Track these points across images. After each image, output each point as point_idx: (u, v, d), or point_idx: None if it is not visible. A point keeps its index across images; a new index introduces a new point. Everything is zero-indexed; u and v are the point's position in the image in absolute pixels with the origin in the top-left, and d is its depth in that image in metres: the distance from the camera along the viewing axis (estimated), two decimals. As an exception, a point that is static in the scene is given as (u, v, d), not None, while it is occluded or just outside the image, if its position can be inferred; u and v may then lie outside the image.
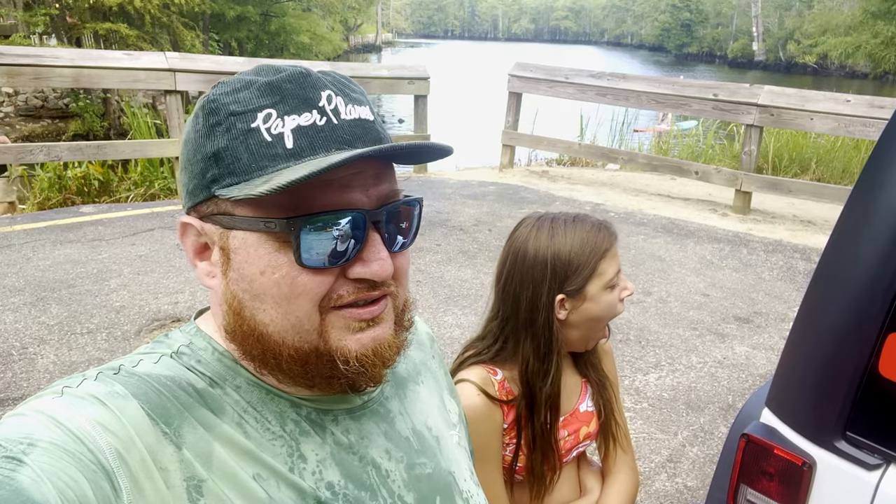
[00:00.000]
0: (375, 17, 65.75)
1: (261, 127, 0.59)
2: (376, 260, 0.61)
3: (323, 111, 0.60)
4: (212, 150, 0.61)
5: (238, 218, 0.61)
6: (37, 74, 6.02)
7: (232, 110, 0.60)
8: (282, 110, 0.60)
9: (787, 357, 1.32)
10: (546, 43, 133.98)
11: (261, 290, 0.61)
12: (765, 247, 5.78)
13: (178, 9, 15.83)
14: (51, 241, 4.99)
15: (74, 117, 14.44)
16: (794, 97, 6.53)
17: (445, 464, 0.78)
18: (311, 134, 0.59)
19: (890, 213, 1.15)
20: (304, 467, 0.64)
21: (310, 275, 0.60)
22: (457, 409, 0.89)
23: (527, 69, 8.23)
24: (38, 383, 3.19)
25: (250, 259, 0.61)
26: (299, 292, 0.60)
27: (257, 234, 0.60)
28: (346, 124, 0.61)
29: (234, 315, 0.63)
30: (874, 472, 1.18)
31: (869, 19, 32.10)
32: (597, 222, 1.33)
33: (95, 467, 0.52)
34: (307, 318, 0.61)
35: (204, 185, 0.62)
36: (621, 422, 1.46)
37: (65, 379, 0.60)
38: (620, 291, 1.33)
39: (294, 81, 0.61)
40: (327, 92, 0.61)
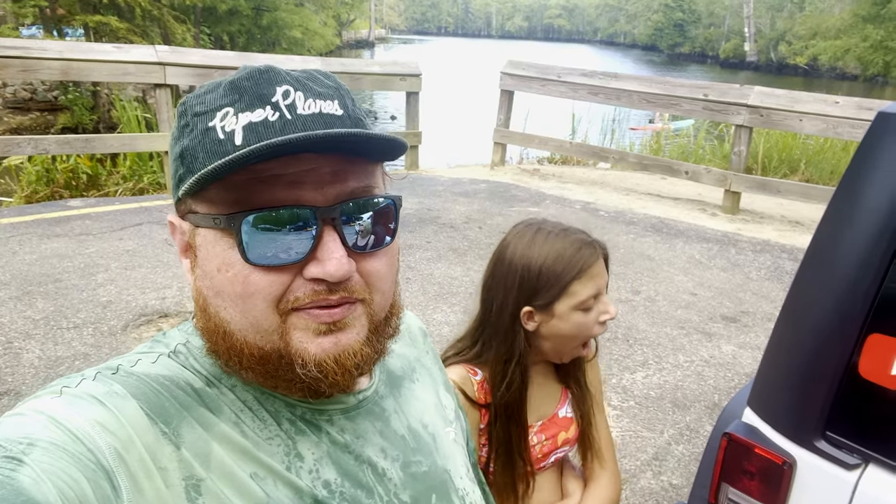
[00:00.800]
0: (369, 12, 65.56)
1: (217, 126, 0.59)
2: (330, 259, 0.59)
3: (276, 106, 0.59)
4: (179, 150, 0.62)
5: (198, 216, 0.61)
6: (25, 67, 5.96)
7: (196, 111, 0.61)
8: (238, 108, 0.59)
9: (769, 357, 1.34)
10: (539, 41, 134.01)
11: (219, 288, 0.61)
12: (753, 247, 5.81)
13: (170, 2, 15.72)
14: (37, 235, 4.95)
15: (63, 110, 14.32)
16: (784, 98, 6.57)
17: (441, 461, 0.78)
18: (261, 130, 0.58)
19: (871, 215, 1.16)
20: (301, 466, 0.64)
21: (261, 273, 0.59)
22: (453, 404, 0.89)
23: (519, 67, 8.24)
24: (23, 378, 3.16)
25: (209, 256, 0.61)
26: (252, 291, 0.59)
27: (213, 231, 0.60)
28: (301, 119, 0.59)
29: (201, 311, 0.64)
30: (853, 471, 1.20)
31: (859, 23, 32.37)
32: (581, 239, 1.27)
33: (95, 467, 0.52)
34: (264, 318, 0.60)
35: (175, 184, 0.63)
36: (602, 434, 1.45)
37: (63, 378, 0.60)
38: (599, 314, 1.27)
39: (251, 79, 0.61)
40: (284, 87, 0.60)
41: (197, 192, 0.59)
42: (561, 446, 1.40)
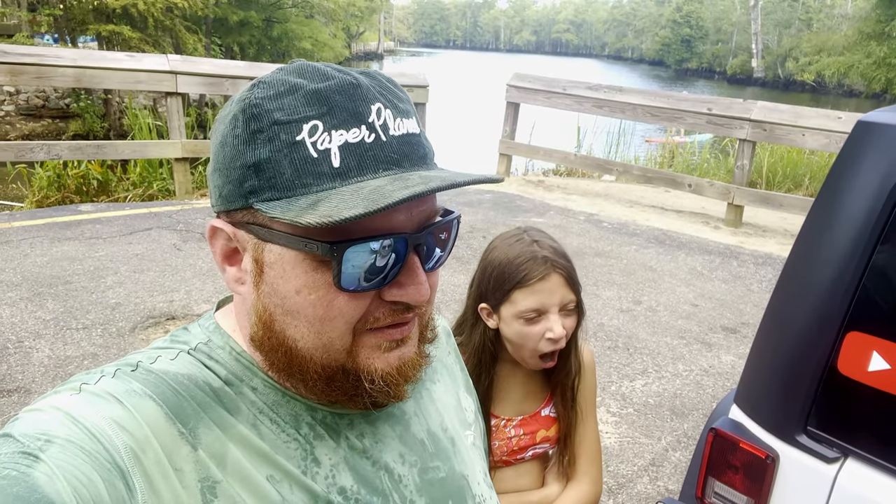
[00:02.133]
0: (378, 25, 66.07)
1: (306, 140, 0.56)
2: (413, 284, 0.60)
3: (372, 127, 0.57)
4: (252, 159, 0.57)
5: (276, 233, 0.58)
6: (39, 74, 6.08)
7: (276, 118, 0.57)
8: (329, 123, 0.56)
9: (754, 355, 1.39)
10: (547, 55, 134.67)
11: (294, 308, 0.59)
12: (755, 259, 5.85)
13: (182, 12, 15.93)
14: (48, 238, 5.04)
15: (75, 117, 14.50)
16: (787, 113, 6.62)
17: (459, 467, 0.77)
18: (360, 153, 0.56)
19: (849, 220, 1.22)
20: (318, 471, 0.64)
21: (347, 298, 0.58)
22: (473, 406, 0.88)
23: (525, 80, 8.33)
24: (33, 376, 3.23)
25: (286, 276, 0.59)
26: (335, 315, 0.59)
27: (295, 251, 0.58)
28: (394, 141, 0.58)
29: (264, 327, 0.62)
30: (833, 465, 1.24)
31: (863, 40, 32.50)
32: (534, 252, 1.28)
33: (110, 466, 0.51)
34: (339, 339, 0.60)
35: (241, 193, 0.59)
36: (587, 441, 1.44)
37: (83, 374, 0.60)
38: (545, 330, 1.28)
39: (344, 93, 0.57)
40: (377, 105, 0.58)
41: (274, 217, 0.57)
42: (539, 443, 1.43)
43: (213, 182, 0.63)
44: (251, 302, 0.63)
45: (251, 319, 0.63)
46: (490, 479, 0.85)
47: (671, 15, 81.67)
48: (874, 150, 1.22)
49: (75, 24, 15.08)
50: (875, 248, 1.18)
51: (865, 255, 1.19)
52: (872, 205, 1.19)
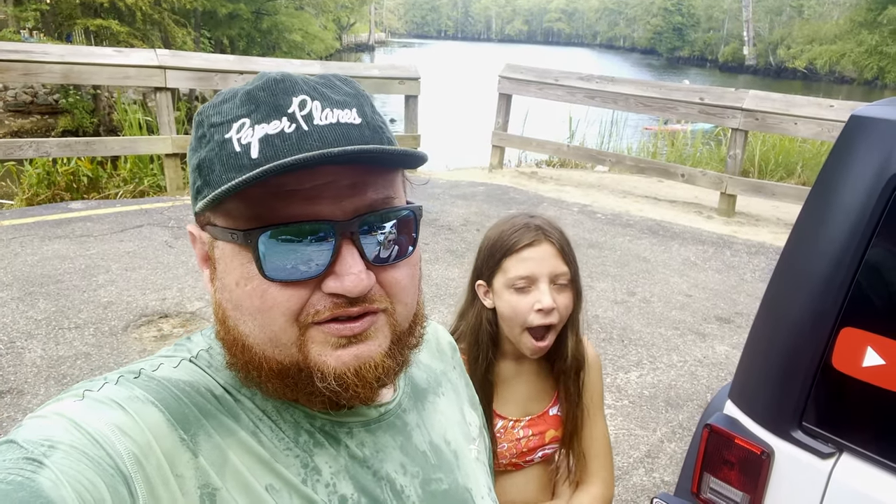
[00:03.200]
0: (368, 16, 65.70)
1: (233, 137, 0.58)
2: (348, 274, 0.58)
3: (293, 117, 0.58)
4: (196, 161, 0.61)
5: (217, 228, 0.60)
6: (26, 70, 6.01)
7: (212, 122, 0.60)
8: (255, 119, 0.58)
9: (749, 351, 1.39)
10: (539, 45, 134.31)
11: (238, 301, 0.60)
12: (748, 249, 5.86)
13: (170, 5, 15.80)
14: (39, 237, 5.00)
15: (64, 113, 14.38)
16: (779, 102, 6.63)
17: (463, 480, 0.76)
18: (277, 142, 0.57)
19: (843, 215, 1.21)
20: (318, 480, 0.63)
21: (279, 288, 0.58)
22: (477, 421, 0.87)
23: (517, 71, 8.30)
24: (25, 377, 3.21)
25: (228, 269, 0.61)
26: (270, 305, 0.59)
27: (231, 244, 0.60)
28: (318, 130, 0.58)
29: (221, 324, 0.63)
30: (828, 460, 1.24)
31: (855, 28, 32.57)
32: (525, 222, 1.30)
33: (113, 472, 0.52)
34: (282, 332, 0.59)
35: (195, 195, 0.63)
36: (597, 440, 1.43)
37: (87, 381, 0.60)
38: (535, 301, 1.27)
39: (267, 89, 0.59)
40: (300, 97, 0.59)
41: (216, 206, 0.59)
42: (549, 443, 1.42)
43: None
44: (212, 301, 0.65)
45: (214, 320, 0.65)
46: (495, 494, 0.84)
47: (663, 3, 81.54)
48: (868, 145, 1.21)
49: (62, 19, 14.93)
50: (869, 244, 1.17)
51: (860, 250, 1.19)
52: (866, 199, 1.18)
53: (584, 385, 1.41)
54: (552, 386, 1.44)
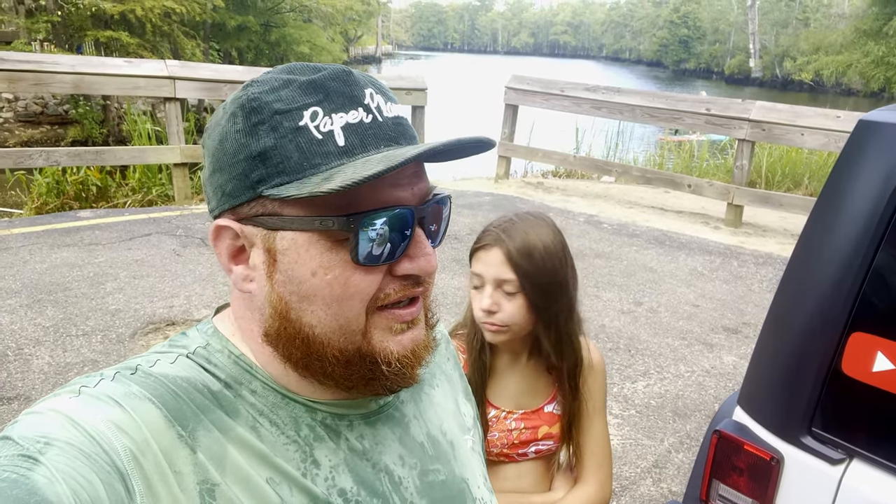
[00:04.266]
0: (376, 28, 66.15)
1: (309, 125, 0.58)
2: (422, 255, 0.62)
3: (368, 109, 0.60)
4: (258, 149, 0.59)
5: (287, 218, 0.59)
6: (37, 80, 6.08)
7: (276, 108, 0.59)
8: (328, 108, 0.59)
9: (757, 357, 1.38)
10: (545, 57, 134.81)
11: (311, 292, 0.60)
12: (755, 259, 5.84)
13: (180, 18, 15.95)
14: (48, 245, 5.03)
15: (74, 123, 14.50)
16: (786, 113, 6.63)
17: (459, 470, 0.77)
18: (361, 131, 0.59)
19: (851, 221, 1.21)
20: (317, 473, 0.64)
21: (362, 273, 0.60)
22: (472, 412, 0.89)
23: (523, 82, 8.33)
24: (33, 384, 3.22)
25: (301, 260, 0.60)
26: (352, 292, 0.60)
27: (308, 233, 0.59)
28: (389, 122, 0.61)
29: (280, 318, 0.62)
30: (838, 466, 1.24)
31: (861, 38, 32.58)
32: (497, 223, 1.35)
33: (110, 468, 0.52)
34: (355, 319, 0.61)
35: (248, 185, 0.60)
36: (595, 441, 1.43)
37: (82, 377, 0.60)
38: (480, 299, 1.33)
39: (338, 79, 0.61)
40: (369, 90, 0.61)
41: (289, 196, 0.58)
42: (542, 439, 1.43)
43: (212, 183, 0.63)
44: (265, 295, 0.63)
45: (265, 314, 0.63)
46: (490, 483, 0.85)
47: (668, 16, 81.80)
48: (876, 150, 1.21)
49: (73, 31, 15.10)
50: (878, 248, 1.17)
51: (868, 254, 1.18)
52: (875, 205, 1.18)
53: (585, 385, 1.42)
54: (550, 383, 1.44)
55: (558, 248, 1.33)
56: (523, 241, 1.31)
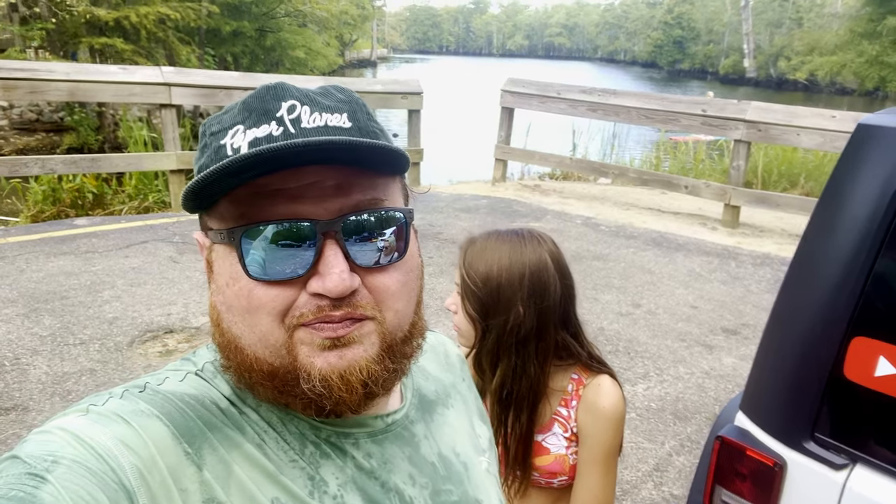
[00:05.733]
0: (371, 32, 66.14)
1: (227, 143, 0.60)
2: (330, 274, 0.57)
3: (281, 121, 0.59)
4: (196, 168, 0.64)
5: (211, 231, 0.63)
6: (33, 88, 6.07)
7: (212, 130, 0.63)
8: (248, 125, 0.60)
9: (759, 362, 1.37)
10: (540, 59, 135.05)
11: (229, 303, 0.61)
12: (753, 260, 5.85)
13: (174, 24, 15.93)
14: (44, 253, 5.01)
15: (69, 131, 14.45)
16: (781, 113, 6.64)
17: (473, 491, 0.75)
18: (265, 144, 0.58)
19: (851, 224, 1.21)
20: (325, 492, 0.62)
21: (265, 288, 0.58)
22: (487, 433, 0.87)
23: (519, 85, 8.33)
24: (31, 393, 3.20)
25: (221, 271, 0.62)
26: (256, 305, 0.59)
27: (223, 246, 0.61)
28: (304, 132, 0.58)
29: (215, 326, 0.64)
30: (841, 471, 1.23)
31: (855, 38, 32.70)
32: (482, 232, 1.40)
33: (117, 486, 0.51)
34: (270, 333, 0.59)
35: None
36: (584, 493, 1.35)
37: (92, 396, 0.60)
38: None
39: (258, 96, 0.61)
40: (290, 102, 0.60)
41: (210, 208, 0.61)
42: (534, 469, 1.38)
43: None
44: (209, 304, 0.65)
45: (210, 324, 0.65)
46: None
47: (662, 17, 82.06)
48: (876, 153, 1.21)
49: (68, 38, 15.07)
50: (879, 252, 1.17)
51: (869, 258, 1.18)
52: (875, 208, 1.18)
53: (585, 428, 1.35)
54: (546, 413, 1.38)
55: (513, 274, 1.29)
56: (480, 250, 1.34)
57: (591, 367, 1.37)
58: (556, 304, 1.31)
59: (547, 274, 1.31)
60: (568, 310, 1.35)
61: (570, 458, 1.37)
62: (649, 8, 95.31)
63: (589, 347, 1.39)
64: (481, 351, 1.35)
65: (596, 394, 1.35)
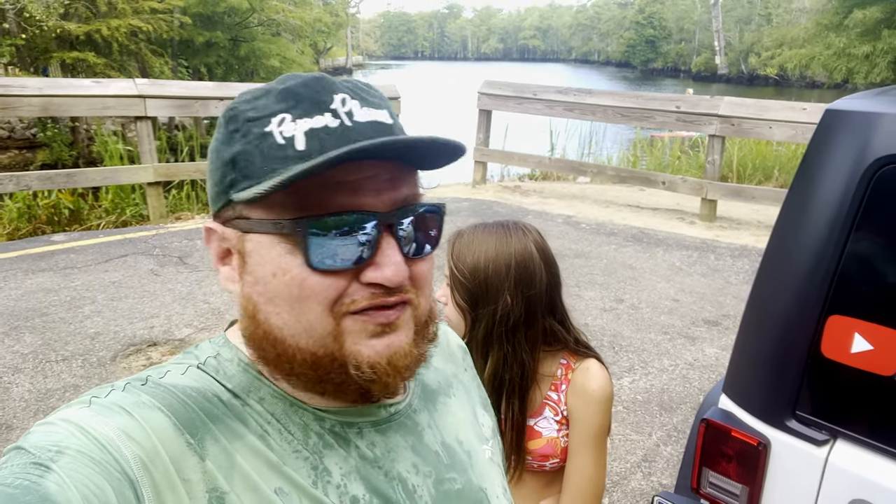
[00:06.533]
0: (345, 40, 66.06)
1: (274, 131, 0.60)
2: (389, 265, 0.60)
3: (336, 113, 0.60)
4: (229, 155, 0.62)
5: (253, 221, 0.61)
6: (4, 105, 5.98)
7: (249, 116, 0.61)
8: (296, 114, 0.60)
9: (739, 345, 1.41)
10: (515, 62, 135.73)
11: (273, 293, 0.61)
12: (731, 252, 5.94)
13: (147, 36, 15.78)
14: (22, 271, 4.94)
15: (42, 147, 14.24)
16: (753, 107, 6.76)
17: (477, 479, 0.76)
18: (323, 136, 0.59)
19: (823, 207, 1.25)
20: (329, 481, 0.63)
21: (319, 277, 0.59)
22: (490, 422, 0.88)
23: (495, 87, 8.39)
24: (14, 412, 3.16)
25: (263, 261, 0.61)
26: (308, 295, 0.60)
27: (270, 236, 0.60)
28: (359, 126, 0.61)
29: (250, 319, 0.63)
30: (823, 447, 1.27)
31: (822, 32, 33.31)
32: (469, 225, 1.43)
33: (120, 476, 0.52)
34: (318, 322, 0.61)
35: (223, 189, 0.63)
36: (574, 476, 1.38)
37: (95, 389, 0.61)
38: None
39: (308, 86, 0.62)
40: (341, 95, 0.61)
41: (259, 198, 0.59)
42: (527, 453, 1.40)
43: (207, 190, 0.67)
44: (239, 296, 0.64)
45: (242, 315, 0.65)
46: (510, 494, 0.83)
47: (634, 17, 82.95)
48: (843, 137, 1.25)
49: (38, 53, 14.87)
50: (850, 232, 1.20)
51: (842, 239, 1.22)
52: (845, 190, 1.21)
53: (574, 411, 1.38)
54: (537, 398, 1.41)
55: (500, 264, 1.32)
56: (467, 242, 1.36)
57: (578, 351, 1.40)
58: (542, 291, 1.34)
59: (533, 263, 1.33)
60: (554, 297, 1.37)
61: (562, 441, 1.39)
62: (621, 8, 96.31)
63: (575, 333, 1.42)
64: (472, 340, 1.37)
65: (584, 377, 1.38)
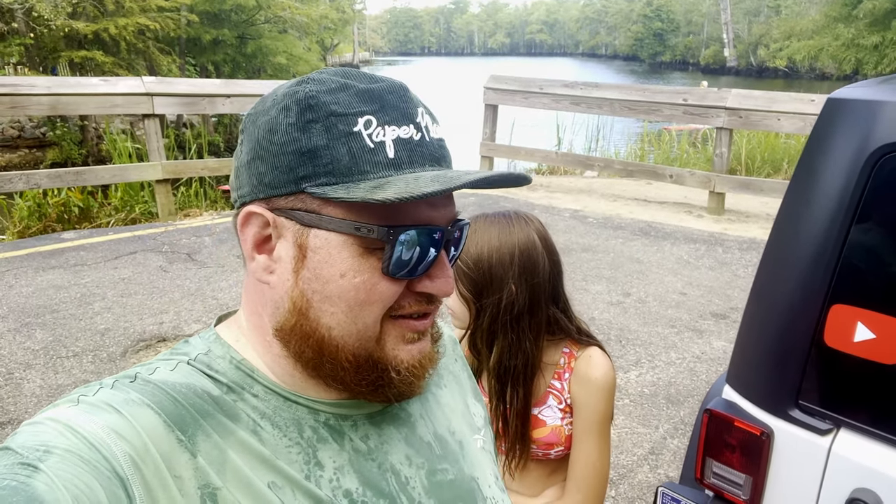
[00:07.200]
0: (352, 36, 66.09)
1: (362, 132, 0.59)
2: (443, 277, 0.64)
3: (419, 127, 0.62)
4: (308, 146, 0.59)
5: (326, 218, 0.60)
6: (13, 103, 6.03)
7: (333, 110, 0.60)
8: (382, 119, 0.60)
9: (743, 336, 1.41)
10: (522, 56, 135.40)
11: (335, 293, 0.61)
12: (739, 245, 5.91)
13: (154, 34, 15.85)
14: (33, 268, 4.99)
15: (52, 146, 14.37)
16: (761, 99, 6.71)
17: (469, 469, 0.77)
18: (410, 147, 0.61)
19: (826, 196, 1.24)
20: (321, 475, 0.63)
21: (388, 283, 0.61)
22: (482, 412, 0.88)
23: (502, 81, 8.37)
24: (25, 407, 3.20)
25: (331, 260, 0.60)
26: (375, 299, 0.61)
27: (344, 236, 0.60)
28: (434, 143, 0.63)
29: (298, 315, 0.63)
30: (826, 436, 1.26)
31: (831, 23, 33.02)
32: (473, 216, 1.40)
33: (110, 474, 0.52)
34: (373, 325, 0.62)
35: (291, 179, 0.60)
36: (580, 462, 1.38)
37: (82, 387, 0.60)
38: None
39: (394, 93, 0.62)
40: (421, 108, 0.64)
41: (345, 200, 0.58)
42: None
43: (251, 170, 0.63)
44: (286, 289, 0.63)
45: (282, 308, 0.63)
46: (503, 483, 0.84)
47: (642, 10, 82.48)
48: (846, 125, 1.24)
49: (47, 53, 14.96)
50: (853, 221, 1.20)
51: (844, 228, 1.21)
52: (847, 179, 1.21)
53: (578, 399, 1.38)
54: (540, 387, 1.41)
55: (503, 253, 1.32)
56: (470, 233, 1.35)
57: (580, 340, 1.40)
58: (545, 280, 1.34)
59: (536, 252, 1.34)
60: (557, 286, 1.38)
61: (566, 429, 1.40)
62: (628, 2, 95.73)
63: (577, 322, 1.42)
64: (476, 330, 1.38)
65: (587, 365, 1.38)
